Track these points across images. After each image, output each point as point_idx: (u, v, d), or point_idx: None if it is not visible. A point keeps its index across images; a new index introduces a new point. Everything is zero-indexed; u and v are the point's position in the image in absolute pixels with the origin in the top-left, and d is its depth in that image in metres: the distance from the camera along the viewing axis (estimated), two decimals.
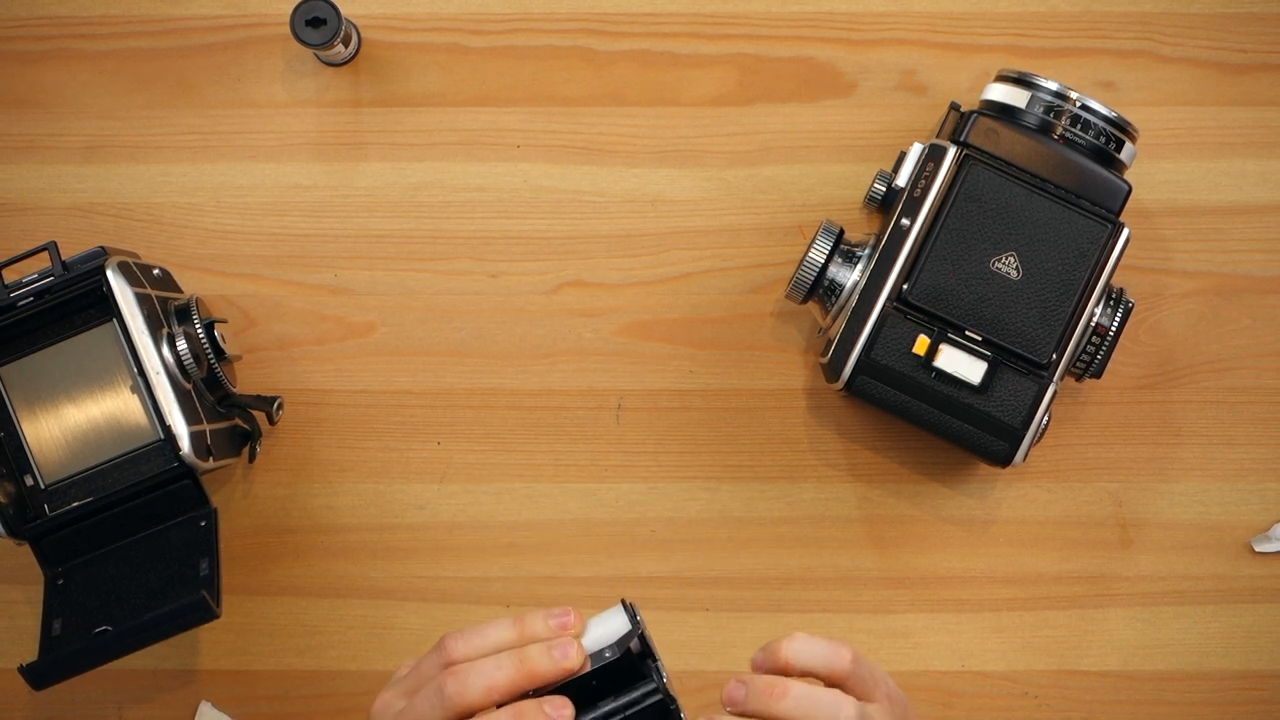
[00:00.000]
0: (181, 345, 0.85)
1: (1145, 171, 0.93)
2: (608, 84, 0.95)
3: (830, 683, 0.72)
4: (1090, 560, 0.93)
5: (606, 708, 0.70)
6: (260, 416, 0.92)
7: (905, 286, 0.85)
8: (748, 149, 0.95)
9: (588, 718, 0.70)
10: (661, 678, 0.70)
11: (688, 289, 0.94)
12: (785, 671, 0.72)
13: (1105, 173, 0.85)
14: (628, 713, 0.70)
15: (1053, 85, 0.86)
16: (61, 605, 0.84)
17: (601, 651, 0.71)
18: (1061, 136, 0.86)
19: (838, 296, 0.87)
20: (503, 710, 0.69)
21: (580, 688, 0.70)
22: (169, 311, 0.87)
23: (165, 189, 0.94)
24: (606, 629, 0.71)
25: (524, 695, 0.70)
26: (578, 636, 0.71)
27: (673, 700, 0.70)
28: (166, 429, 0.84)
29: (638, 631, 0.71)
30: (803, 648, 0.72)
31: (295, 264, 0.94)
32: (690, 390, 0.94)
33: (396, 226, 0.94)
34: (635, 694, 0.70)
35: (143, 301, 0.85)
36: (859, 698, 0.72)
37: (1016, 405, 0.85)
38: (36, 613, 0.85)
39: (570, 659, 0.70)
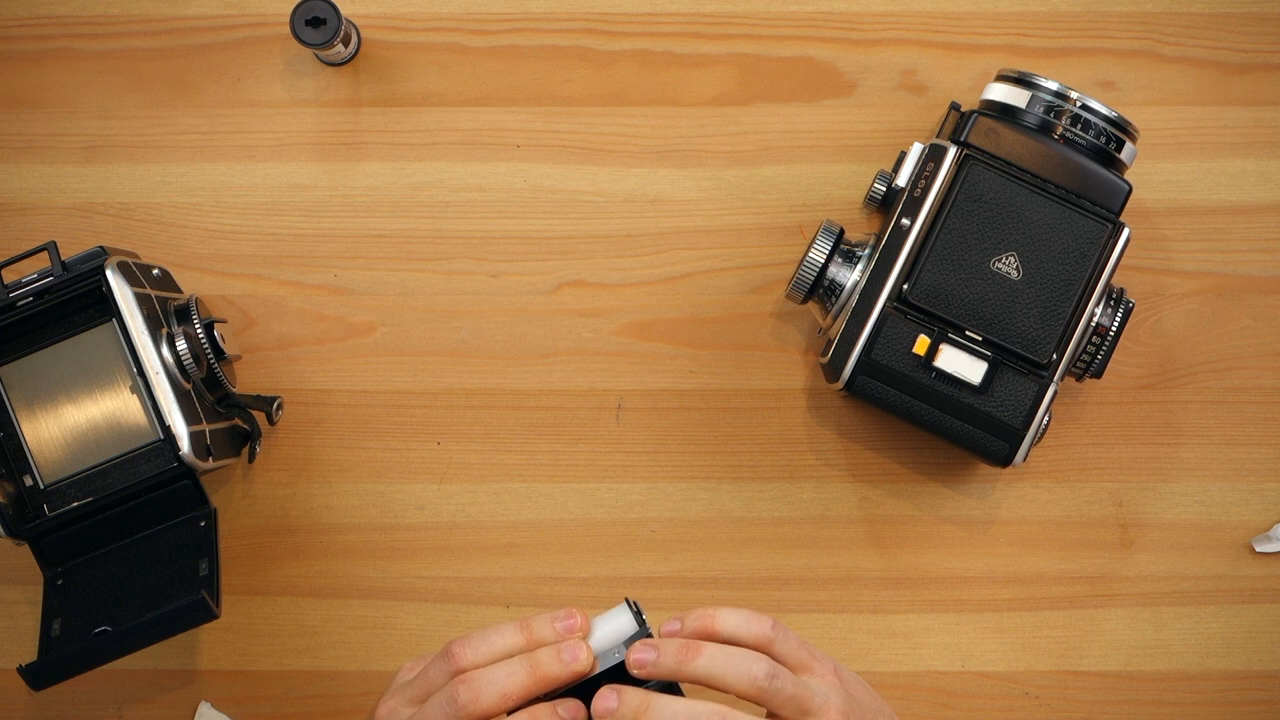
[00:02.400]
0: (181, 345, 0.85)
1: (1145, 171, 0.93)
2: (608, 84, 0.95)
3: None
4: (1090, 560, 0.93)
5: None
6: (260, 416, 0.92)
7: (905, 286, 0.85)
8: (748, 149, 0.95)
9: None
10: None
11: (688, 289, 0.94)
12: (708, 638, 0.71)
13: (1105, 173, 0.85)
14: None
15: (1053, 85, 0.86)
16: (61, 605, 0.84)
17: (610, 652, 0.71)
18: (1062, 136, 0.86)
19: (838, 296, 0.87)
20: (515, 716, 0.69)
21: (588, 688, 0.70)
22: (169, 311, 0.87)
23: (165, 189, 0.94)
24: (611, 628, 0.72)
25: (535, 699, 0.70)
26: (584, 638, 0.71)
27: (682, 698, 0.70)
28: (166, 429, 0.84)
29: (646, 632, 0.71)
30: (730, 616, 0.72)
31: (295, 264, 0.94)
32: (690, 390, 0.94)
33: (396, 226, 0.94)
34: None
35: (142, 301, 0.85)
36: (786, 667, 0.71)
37: (1017, 405, 0.85)
38: (36, 613, 0.85)
39: (580, 661, 0.70)
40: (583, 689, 0.70)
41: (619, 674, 0.71)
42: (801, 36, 0.95)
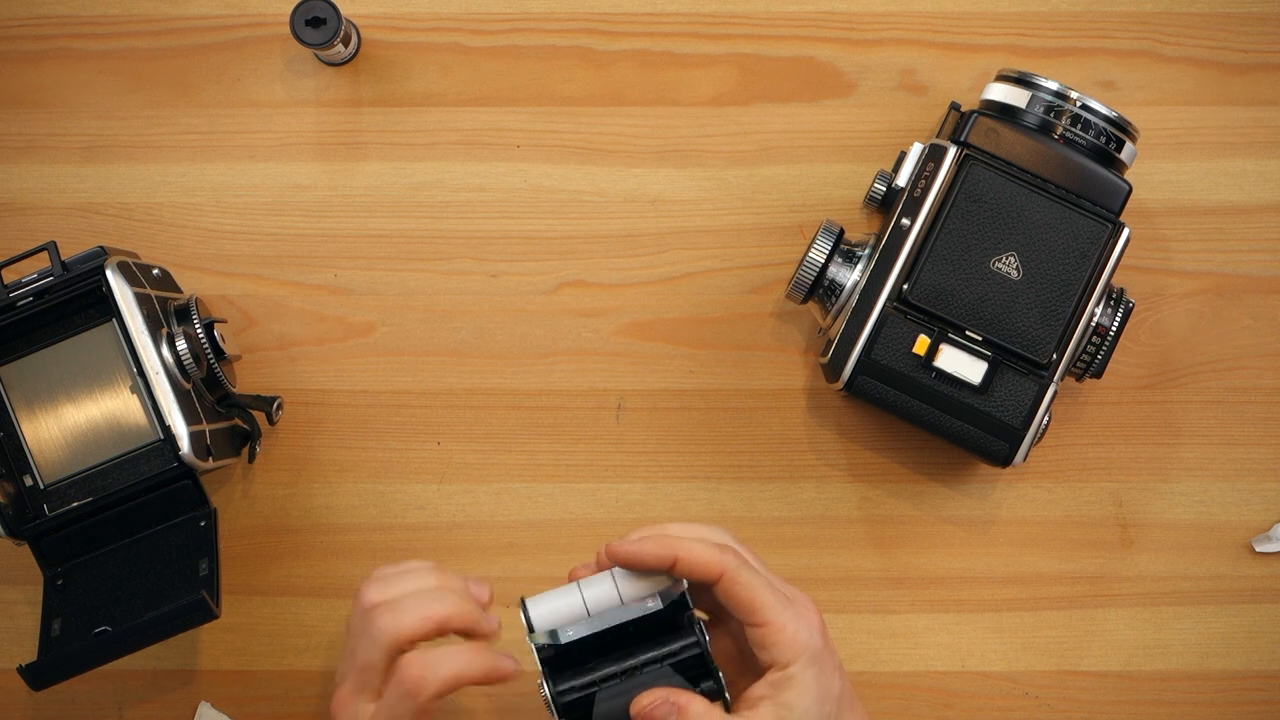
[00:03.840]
0: (181, 345, 0.85)
1: (1145, 171, 0.93)
2: (608, 84, 0.95)
3: None
4: (1090, 560, 0.93)
5: (644, 655, 0.71)
6: (260, 416, 0.92)
7: (905, 286, 0.85)
8: (748, 149, 0.95)
9: (625, 664, 0.70)
10: (704, 635, 0.70)
11: (688, 289, 0.94)
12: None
13: (1105, 173, 0.85)
14: (665, 662, 0.70)
15: (1053, 85, 0.86)
16: (61, 605, 0.84)
17: (645, 601, 0.71)
18: (1062, 136, 0.86)
19: (838, 296, 0.87)
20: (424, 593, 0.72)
21: (617, 635, 0.70)
22: (169, 311, 0.87)
23: (165, 189, 0.94)
24: (644, 580, 0.72)
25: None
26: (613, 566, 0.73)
27: (710, 659, 0.70)
28: (166, 429, 0.84)
29: (681, 585, 0.72)
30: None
31: (295, 264, 0.94)
32: (690, 390, 0.94)
33: (396, 226, 0.94)
34: (674, 645, 0.71)
35: (142, 301, 0.85)
36: None
37: (1017, 405, 0.85)
38: (36, 613, 0.85)
39: (484, 597, 0.74)
40: (610, 635, 0.71)
41: (648, 624, 0.71)
42: (801, 36, 0.95)
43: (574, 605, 0.72)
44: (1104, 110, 0.86)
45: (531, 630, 0.72)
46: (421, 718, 0.71)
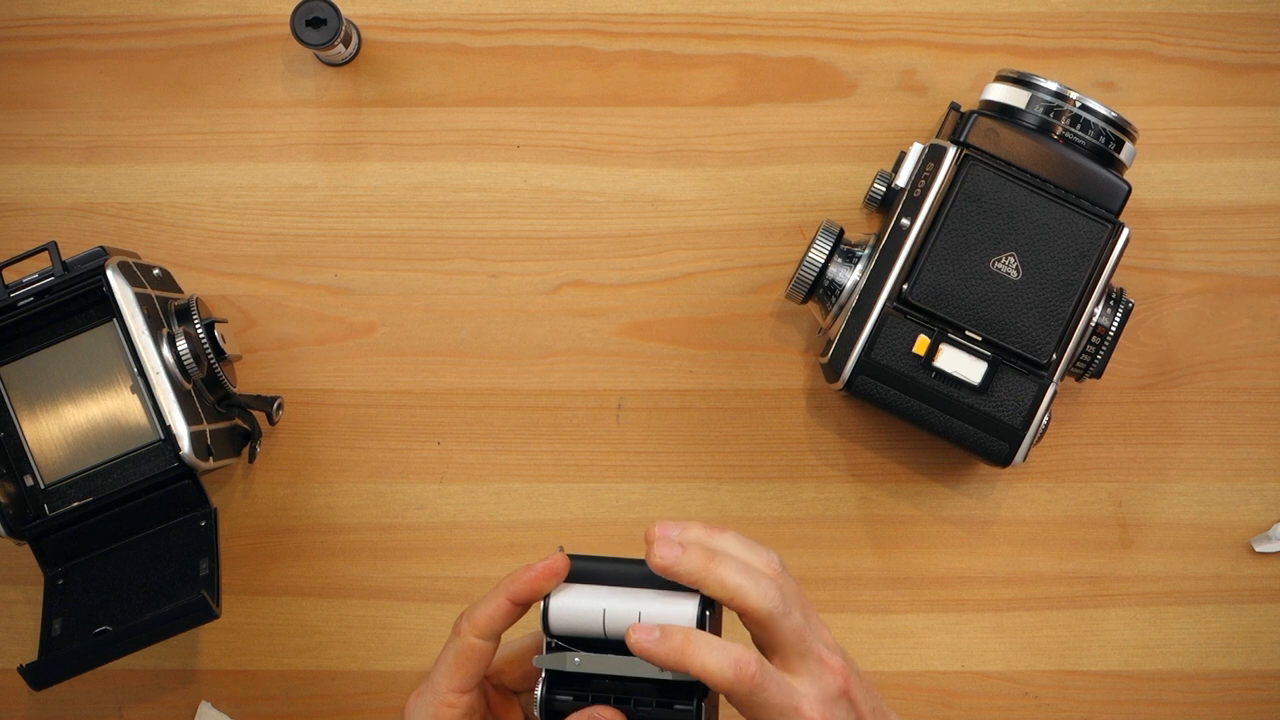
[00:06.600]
0: (181, 345, 0.85)
1: (1145, 171, 0.93)
2: (608, 84, 0.95)
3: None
4: (1090, 560, 0.93)
5: (644, 708, 0.70)
6: (260, 416, 0.92)
7: (905, 286, 0.85)
8: (748, 149, 0.95)
9: (621, 709, 0.70)
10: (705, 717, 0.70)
11: (688, 289, 0.94)
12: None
13: (1105, 173, 0.85)
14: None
15: (1052, 85, 0.86)
16: (61, 605, 0.84)
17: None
18: (1061, 136, 0.86)
19: (838, 296, 0.88)
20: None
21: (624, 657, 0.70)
22: (169, 311, 0.87)
23: (165, 189, 0.94)
24: (679, 609, 0.70)
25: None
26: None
27: None
28: (166, 429, 0.84)
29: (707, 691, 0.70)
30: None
31: (295, 264, 0.94)
32: (690, 390, 0.94)
33: (396, 226, 0.94)
34: (676, 708, 0.70)
35: (143, 301, 0.85)
36: None
37: (1017, 405, 0.85)
38: (36, 613, 0.85)
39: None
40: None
41: (657, 683, 0.70)
42: (801, 36, 0.95)
43: (592, 615, 0.71)
44: (1103, 110, 0.86)
45: (546, 612, 0.72)
46: (463, 662, 0.71)
